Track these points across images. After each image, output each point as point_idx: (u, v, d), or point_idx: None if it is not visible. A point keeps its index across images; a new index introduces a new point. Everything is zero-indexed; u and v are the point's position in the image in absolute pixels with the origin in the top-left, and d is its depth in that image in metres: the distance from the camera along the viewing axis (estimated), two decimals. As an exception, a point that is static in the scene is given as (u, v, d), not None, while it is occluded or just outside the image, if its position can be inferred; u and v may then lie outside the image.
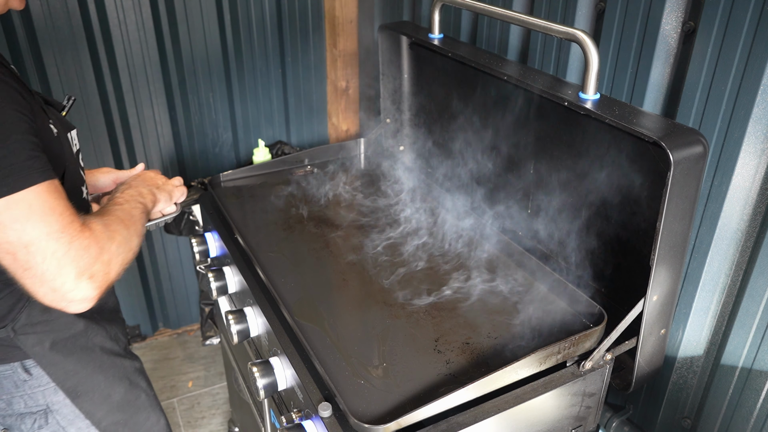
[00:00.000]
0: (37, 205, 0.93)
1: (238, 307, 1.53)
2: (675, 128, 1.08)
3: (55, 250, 0.93)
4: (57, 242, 0.94)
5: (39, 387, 1.22)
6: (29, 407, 1.24)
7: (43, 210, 0.93)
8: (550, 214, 1.48)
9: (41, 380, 1.22)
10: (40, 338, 1.19)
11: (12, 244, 0.92)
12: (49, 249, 0.93)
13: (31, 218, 0.92)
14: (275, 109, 2.76)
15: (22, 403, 1.23)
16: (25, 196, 0.92)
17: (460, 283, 1.42)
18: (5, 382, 1.20)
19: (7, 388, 1.20)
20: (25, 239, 0.92)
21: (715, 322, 1.30)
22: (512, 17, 1.30)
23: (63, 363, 1.23)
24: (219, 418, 2.62)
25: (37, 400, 1.23)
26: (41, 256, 0.93)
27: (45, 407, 1.24)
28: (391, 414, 1.05)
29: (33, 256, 0.93)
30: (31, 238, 0.92)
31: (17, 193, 0.91)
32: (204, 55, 2.50)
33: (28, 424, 1.25)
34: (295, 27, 2.64)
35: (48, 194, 0.94)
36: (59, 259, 0.94)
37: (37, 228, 0.92)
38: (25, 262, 0.93)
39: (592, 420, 1.30)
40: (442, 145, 1.84)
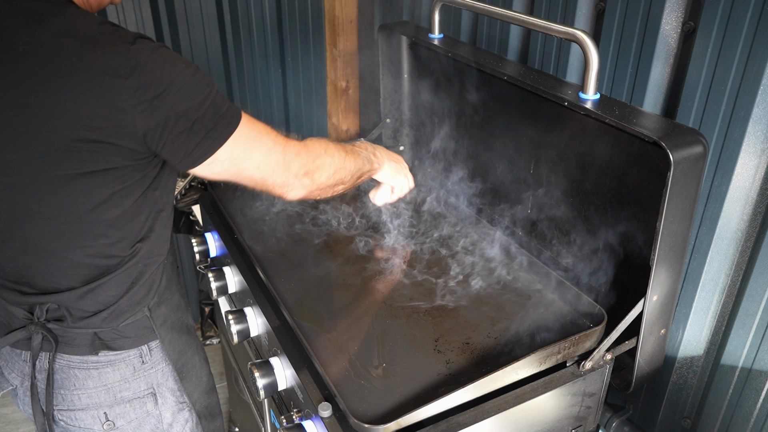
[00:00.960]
0: (250, 133, 1.11)
1: (238, 307, 1.53)
2: (675, 128, 1.08)
3: (276, 161, 1.15)
4: (275, 155, 1.15)
5: (152, 368, 1.27)
6: (138, 393, 1.27)
7: (255, 136, 1.12)
8: (550, 214, 1.48)
9: (156, 361, 1.28)
10: (165, 317, 1.28)
11: (247, 169, 1.13)
12: (271, 162, 1.14)
13: (253, 146, 1.12)
14: (275, 109, 2.76)
15: (131, 390, 1.26)
16: (241, 130, 1.09)
17: (459, 283, 1.42)
18: (126, 368, 1.24)
19: (124, 374, 1.25)
20: (255, 161, 1.12)
21: (715, 322, 1.30)
22: (512, 17, 1.30)
23: (177, 343, 1.31)
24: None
25: (148, 383, 1.28)
26: (270, 169, 1.15)
27: (152, 390, 1.29)
28: (391, 414, 1.05)
29: (264, 171, 1.14)
30: (258, 160, 1.13)
31: (237, 130, 1.08)
32: (204, 55, 2.50)
33: (137, 408, 1.28)
34: (295, 27, 2.64)
35: (250, 122, 1.12)
36: (282, 166, 1.16)
37: (259, 151, 1.12)
38: (260, 179, 1.15)
39: (592, 420, 1.30)
40: (441, 145, 1.84)
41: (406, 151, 2.02)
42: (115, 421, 1.26)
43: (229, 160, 1.09)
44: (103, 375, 1.22)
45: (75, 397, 1.22)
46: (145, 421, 1.30)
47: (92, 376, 1.21)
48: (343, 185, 1.30)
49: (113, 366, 1.22)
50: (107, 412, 1.25)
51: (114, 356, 1.21)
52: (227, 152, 1.07)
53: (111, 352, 1.21)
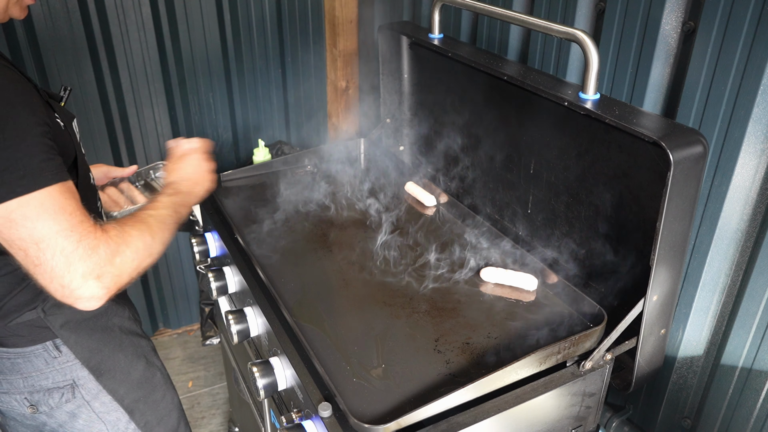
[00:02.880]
0: (49, 204, 0.96)
1: (238, 307, 1.53)
2: (675, 128, 1.08)
3: (63, 247, 0.97)
4: (66, 240, 0.97)
5: (67, 363, 1.27)
6: (57, 382, 1.28)
7: (54, 209, 0.97)
8: (550, 214, 1.48)
9: (68, 357, 1.27)
10: (67, 318, 1.25)
11: (24, 240, 0.96)
12: (58, 246, 0.96)
13: (42, 216, 0.96)
14: (275, 109, 2.76)
15: (50, 379, 1.27)
16: (37, 195, 0.95)
17: (459, 283, 1.42)
18: (36, 360, 1.25)
19: (37, 366, 1.25)
20: (36, 236, 0.96)
21: (715, 322, 1.30)
22: (512, 17, 1.30)
23: (86, 342, 1.28)
24: (219, 418, 2.62)
25: (65, 375, 1.28)
26: (50, 253, 0.96)
27: (72, 382, 1.29)
28: (391, 414, 1.05)
29: (43, 252, 0.96)
30: (41, 235, 0.96)
31: (31, 194, 0.95)
32: (204, 55, 2.50)
33: (56, 398, 1.29)
34: (295, 27, 2.64)
35: (60, 194, 0.98)
36: (67, 256, 0.97)
37: (48, 226, 0.96)
38: (35, 258, 0.97)
39: (592, 420, 1.30)
40: (442, 145, 1.84)
41: (405, 151, 2.02)
42: (37, 406, 1.29)
43: (4, 220, 0.95)
44: (17, 365, 1.24)
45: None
46: (74, 408, 1.32)
47: (6, 365, 1.24)
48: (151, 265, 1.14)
49: (24, 357, 1.24)
50: (27, 397, 1.28)
51: (14, 352, 1.23)
52: (5, 210, 0.94)
53: (8, 349, 1.22)
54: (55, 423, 1.33)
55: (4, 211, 0.95)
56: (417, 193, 1.76)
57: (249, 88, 2.65)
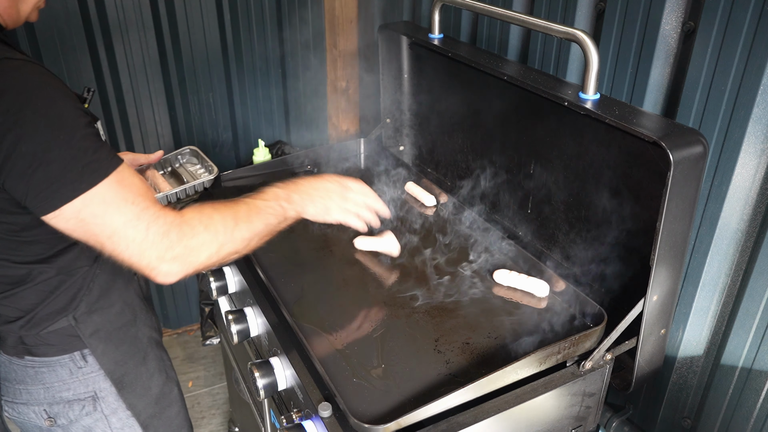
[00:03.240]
0: (110, 197, 0.98)
1: (238, 307, 1.53)
2: (675, 128, 1.08)
3: (134, 237, 0.99)
4: (134, 230, 0.99)
5: (91, 373, 1.25)
6: (78, 394, 1.26)
7: (116, 201, 0.98)
8: (549, 214, 1.48)
9: (94, 367, 1.25)
10: (97, 327, 1.23)
11: (98, 235, 0.99)
12: (128, 236, 0.99)
13: (107, 211, 0.98)
14: (275, 109, 2.76)
15: (72, 390, 1.25)
16: (99, 190, 0.97)
17: (459, 283, 1.42)
18: (61, 370, 1.23)
19: (61, 375, 1.23)
20: (107, 231, 0.98)
21: (715, 322, 1.30)
22: (512, 17, 1.30)
23: (113, 353, 1.27)
24: (219, 418, 2.62)
25: (87, 386, 1.26)
26: (124, 244, 0.99)
27: (93, 393, 1.27)
28: (391, 414, 1.05)
29: (117, 244, 0.99)
30: (112, 229, 0.98)
31: (92, 189, 0.96)
32: (204, 55, 2.50)
33: (76, 410, 1.27)
34: (295, 27, 2.64)
35: (118, 184, 0.99)
36: (139, 244, 0.99)
37: (115, 219, 0.98)
38: (112, 249, 1.00)
39: (592, 420, 1.30)
40: (442, 145, 1.84)
41: (406, 151, 2.02)
42: (56, 419, 1.27)
43: (75, 220, 0.97)
44: (40, 374, 1.23)
45: (17, 391, 1.24)
46: (91, 422, 1.29)
47: (29, 375, 1.22)
48: (237, 254, 1.12)
49: (48, 367, 1.22)
50: (47, 409, 1.26)
51: (40, 361, 1.21)
52: (73, 211, 0.96)
53: (36, 358, 1.21)
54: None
55: (73, 211, 0.96)
56: (417, 193, 1.76)
57: (249, 88, 2.65)
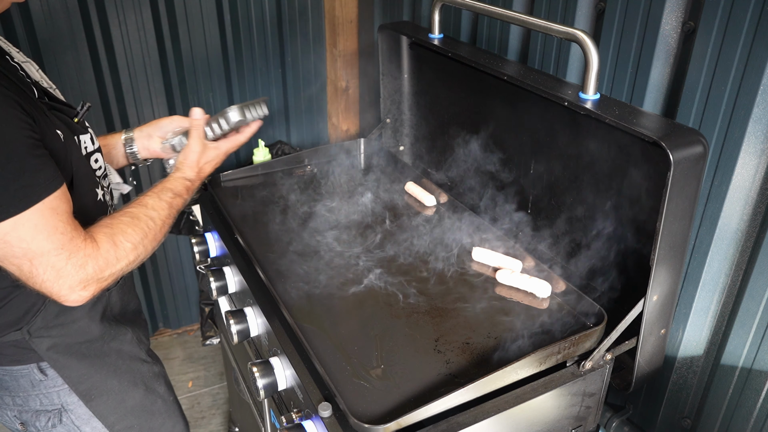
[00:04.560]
0: (42, 224, 1.00)
1: (238, 307, 1.53)
2: (675, 128, 1.08)
3: (54, 264, 1.02)
4: (57, 257, 1.02)
5: (54, 387, 1.25)
6: (44, 405, 1.27)
7: (46, 228, 1.01)
8: (549, 214, 1.48)
9: (56, 381, 1.25)
10: (54, 342, 1.23)
11: (18, 257, 1.01)
12: (49, 263, 1.02)
13: (36, 237, 1.00)
14: (275, 109, 2.76)
15: (38, 401, 1.26)
16: (30, 214, 0.99)
17: (459, 283, 1.42)
18: (22, 380, 1.24)
19: (23, 386, 1.24)
20: (29, 254, 1.01)
21: (715, 322, 1.30)
22: (512, 17, 1.30)
23: (76, 367, 1.26)
24: (219, 418, 2.62)
25: (52, 400, 1.26)
26: (42, 269, 1.02)
27: (60, 407, 1.28)
28: (391, 414, 1.05)
29: (36, 268, 1.02)
30: (34, 253, 1.01)
31: (24, 213, 0.98)
32: (204, 55, 2.50)
33: (43, 421, 1.28)
34: (295, 27, 2.64)
35: (51, 211, 1.01)
36: (58, 271, 1.03)
37: (41, 245, 1.01)
38: (28, 272, 1.03)
39: (592, 420, 1.30)
40: (441, 145, 1.84)
41: (405, 151, 2.02)
42: (27, 426, 1.29)
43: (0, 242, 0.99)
44: (4, 382, 1.24)
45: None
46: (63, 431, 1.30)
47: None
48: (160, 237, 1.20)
49: (10, 375, 1.23)
50: (17, 415, 1.28)
51: (2, 369, 1.22)
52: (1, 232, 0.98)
53: None
54: None
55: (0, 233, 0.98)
56: (417, 193, 1.76)
57: (249, 88, 2.65)
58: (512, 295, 1.38)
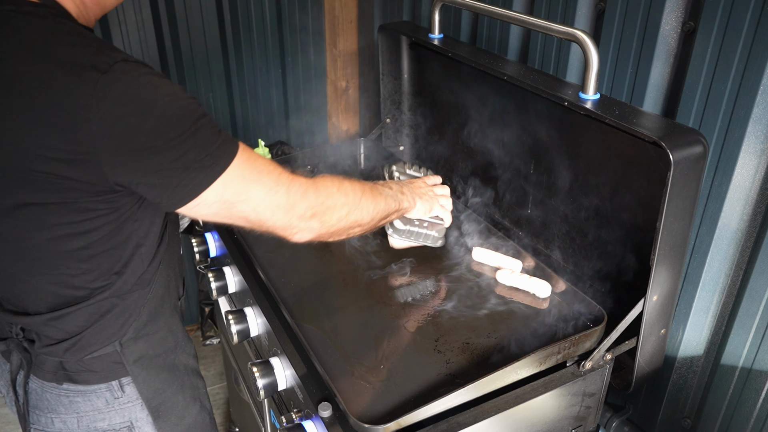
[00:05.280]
0: (247, 172, 1.00)
1: (238, 307, 1.53)
2: (675, 128, 1.08)
3: (278, 203, 1.04)
4: (276, 195, 1.03)
5: (128, 403, 1.21)
6: (113, 425, 1.21)
7: (252, 175, 1.01)
8: (550, 214, 1.48)
9: (131, 397, 1.21)
10: (141, 354, 1.19)
11: (242, 211, 1.02)
12: (273, 204, 1.04)
13: (249, 186, 1.01)
14: (275, 109, 2.76)
15: (107, 421, 1.20)
16: (234, 171, 0.98)
17: (459, 283, 1.42)
18: (97, 400, 1.18)
19: (97, 405, 1.19)
20: (251, 204, 1.02)
21: (715, 322, 1.30)
22: (512, 17, 1.30)
23: (153, 381, 1.22)
24: (219, 418, 2.62)
25: (123, 417, 1.21)
26: (270, 212, 1.04)
27: (129, 424, 1.23)
28: (391, 414, 1.05)
29: (262, 214, 1.04)
30: (256, 201, 1.02)
31: (228, 170, 0.97)
32: (204, 55, 2.50)
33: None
34: (295, 27, 2.64)
35: (248, 159, 1.01)
36: (283, 208, 1.05)
37: (257, 192, 1.02)
38: (257, 222, 1.05)
39: (592, 420, 1.30)
40: (441, 145, 1.84)
41: (405, 151, 2.02)
42: None
43: (219, 203, 0.99)
44: (74, 404, 1.17)
45: (48, 420, 1.19)
46: None
47: (63, 403, 1.17)
48: (360, 227, 1.20)
49: (84, 396, 1.17)
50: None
51: (76, 390, 1.16)
52: (216, 195, 0.97)
53: (75, 386, 1.15)
54: None
55: (216, 195, 0.98)
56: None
57: (249, 88, 2.65)
58: (512, 295, 1.38)
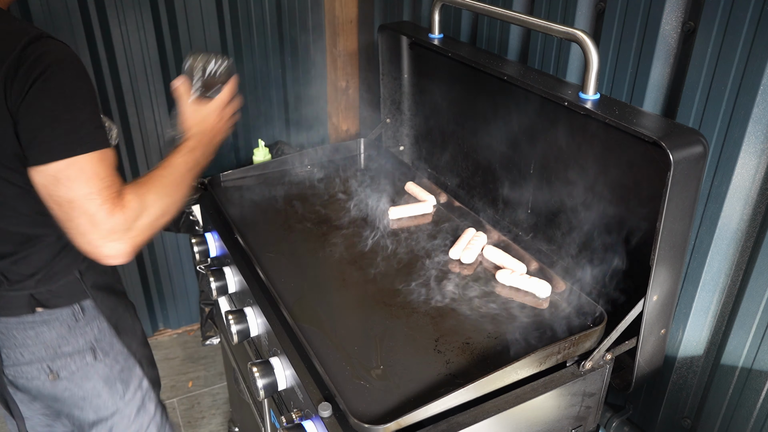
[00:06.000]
0: (88, 168, 1.10)
1: (238, 307, 1.53)
2: (675, 128, 1.08)
3: (88, 209, 1.10)
4: (92, 203, 1.10)
5: (87, 326, 1.39)
6: (77, 347, 1.38)
7: (90, 174, 1.10)
8: (549, 214, 1.48)
9: (90, 318, 1.39)
10: (95, 281, 1.39)
11: (61, 198, 1.10)
12: (84, 207, 1.10)
13: (79, 179, 1.09)
14: (275, 109, 2.76)
15: (71, 345, 1.38)
16: (82, 159, 1.09)
17: (459, 283, 1.42)
18: (60, 327, 1.36)
19: (60, 332, 1.36)
20: (70, 195, 1.10)
21: (715, 322, 1.30)
22: (512, 17, 1.30)
23: (108, 301, 1.43)
24: (219, 418, 2.62)
25: (86, 338, 1.39)
26: (78, 212, 1.10)
27: (91, 344, 1.40)
28: (391, 414, 1.05)
29: (73, 210, 1.10)
30: (75, 195, 1.09)
31: (78, 156, 1.08)
32: (204, 55, 2.50)
33: (77, 361, 1.39)
34: (295, 27, 2.64)
35: (99, 161, 1.11)
36: (90, 217, 1.10)
37: (80, 188, 1.09)
38: (66, 215, 1.11)
39: (592, 420, 1.30)
40: (441, 145, 1.84)
41: (405, 151, 2.02)
42: (59, 372, 1.38)
43: (52, 179, 1.09)
44: (40, 334, 1.34)
45: (18, 354, 1.35)
46: (91, 372, 1.41)
47: (30, 336, 1.34)
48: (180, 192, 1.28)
49: (48, 325, 1.34)
50: (49, 364, 1.37)
51: (48, 315, 1.33)
52: (56, 170, 1.08)
53: (46, 310, 1.33)
54: (75, 387, 1.41)
55: (54, 170, 1.08)
56: (417, 193, 1.76)
57: (249, 88, 2.65)
58: (512, 295, 1.38)
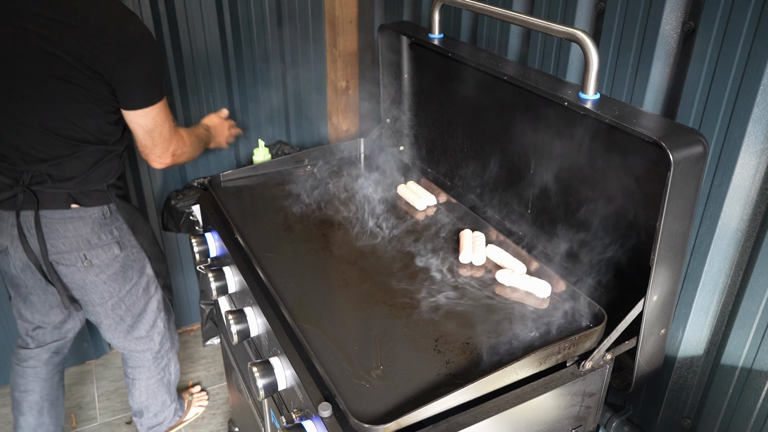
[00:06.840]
0: (165, 109, 1.74)
1: (238, 307, 1.53)
2: (675, 128, 1.08)
3: (165, 136, 1.76)
4: (168, 131, 1.77)
5: (113, 224, 1.85)
6: (106, 240, 1.84)
7: (166, 113, 1.75)
8: (550, 214, 1.48)
9: (115, 219, 1.86)
10: (117, 192, 1.85)
11: (149, 127, 1.72)
12: (163, 135, 1.76)
13: (162, 115, 1.73)
14: (275, 109, 2.76)
15: (101, 239, 1.83)
16: (163, 103, 1.73)
17: (459, 283, 1.42)
18: (93, 223, 1.80)
19: (93, 228, 1.80)
20: (158, 128, 1.74)
21: (715, 322, 1.30)
22: (512, 17, 1.30)
23: (127, 207, 1.88)
24: (219, 418, 2.62)
25: (113, 233, 1.86)
26: (160, 139, 1.76)
27: (117, 238, 1.87)
28: (391, 414, 1.05)
29: (156, 138, 1.75)
30: (162, 128, 1.74)
31: (163, 100, 1.72)
32: (204, 55, 2.50)
33: (107, 251, 1.85)
34: (295, 27, 2.63)
35: (167, 105, 1.75)
36: (165, 139, 1.77)
37: (164, 123, 1.74)
38: (151, 139, 1.75)
39: (592, 420, 1.30)
40: (441, 145, 1.84)
41: (405, 151, 2.02)
42: (92, 260, 1.84)
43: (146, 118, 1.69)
44: (78, 228, 1.78)
45: (60, 244, 1.78)
46: (114, 260, 1.88)
47: (69, 229, 1.77)
48: (198, 150, 1.98)
49: (83, 221, 1.78)
50: (85, 253, 1.82)
51: (83, 212, 1.77)
52: (156, 111, 1.70)
53: (80, 207, 1.76)
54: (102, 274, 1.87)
55: (153, 111, 1.70)
56: (417, 193, 1.76)
57: (249, 88, 2.65)
58: (512, 295, 1.38)
